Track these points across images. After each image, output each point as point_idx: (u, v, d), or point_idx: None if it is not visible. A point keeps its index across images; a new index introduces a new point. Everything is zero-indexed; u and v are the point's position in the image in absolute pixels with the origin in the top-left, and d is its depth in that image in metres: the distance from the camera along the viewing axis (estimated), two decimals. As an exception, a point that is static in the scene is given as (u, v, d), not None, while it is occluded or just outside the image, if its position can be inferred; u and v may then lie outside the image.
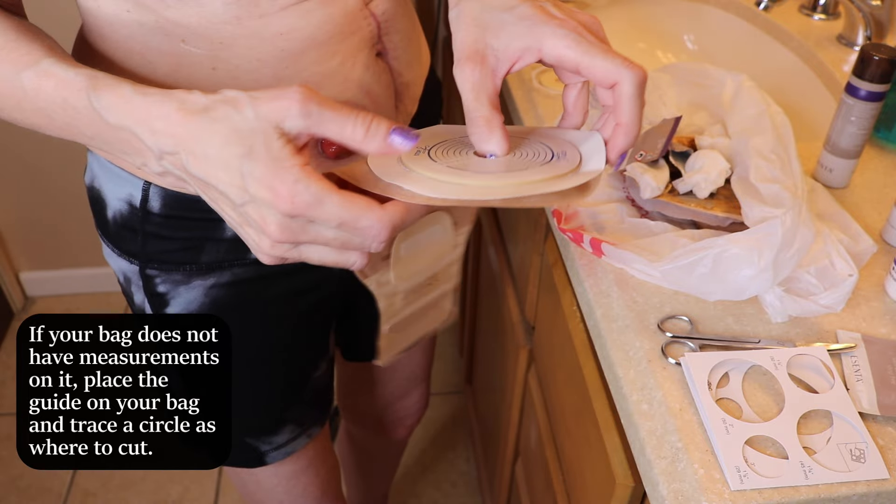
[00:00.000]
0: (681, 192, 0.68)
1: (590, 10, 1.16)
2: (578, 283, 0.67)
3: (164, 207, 0.63)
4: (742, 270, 0.58)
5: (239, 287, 0.68)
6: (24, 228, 1.86)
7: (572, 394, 0.74)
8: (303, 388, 0.79)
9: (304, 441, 0.82)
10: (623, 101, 0.49)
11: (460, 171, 0.47)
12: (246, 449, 0.78)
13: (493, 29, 0.49)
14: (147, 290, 0.67)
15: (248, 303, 0.69)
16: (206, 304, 0.68)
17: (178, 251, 0.65)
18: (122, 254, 0.67)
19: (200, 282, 0.66)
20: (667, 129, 0.70)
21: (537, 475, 0.94)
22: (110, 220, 0.66)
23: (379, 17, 0.61)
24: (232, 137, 0.42)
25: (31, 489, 1.55)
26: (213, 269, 0.66)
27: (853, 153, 0.74)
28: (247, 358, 0.73)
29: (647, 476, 0.53)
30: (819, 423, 0.53)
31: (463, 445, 1.65)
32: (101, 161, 0.65)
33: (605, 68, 0.48)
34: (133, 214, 0.64)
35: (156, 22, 0.53)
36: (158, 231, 0.64)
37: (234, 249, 0.66)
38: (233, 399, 0.74)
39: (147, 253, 0.65)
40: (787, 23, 1.08)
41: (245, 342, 0.72)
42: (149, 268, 0.66)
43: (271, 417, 0.78)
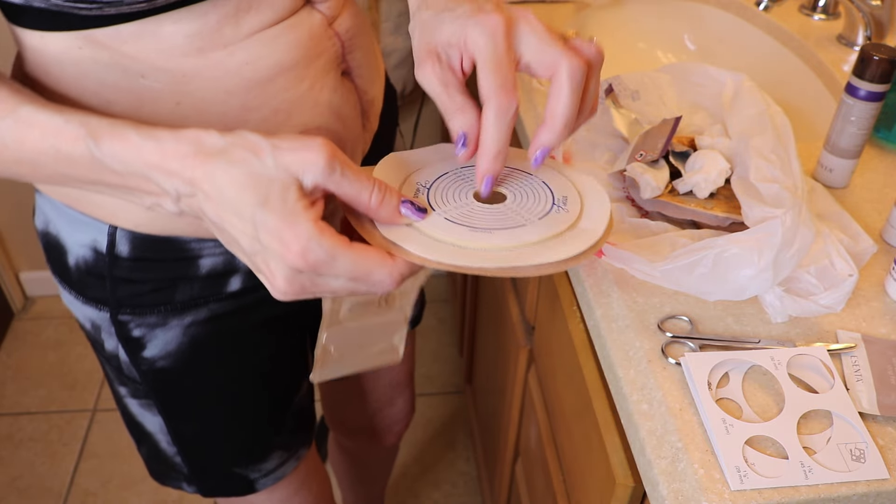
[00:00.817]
0: (681, 192, 0.68)
1: (590, 10, 1.17)
2: (578, 283, 0.67)
3: (134, 250, 0.60)
4: (742, 270, 0.58)
5: (217, 322, 0.66)
6: (24, 228, 1.86)
7: (572, 394, 0.74)
8: (287, 412, 0.78)
9: (293, 464, 0.80)
10: (551, 93, 0.48)
11: (458, 229, 0.48)
12: (235, 479, 0.77)
13: (437, 28, 0.49)
14: (120, 335, 0.65)
15: (227, 336, 0.68)
16: (184, 343, 0.66)
17: (150, 293, 0.62)
18: (88, 301, 0.64)
19: (177, 321, 0.64)
20: (667, 129, 0.70)
21: (537, 475, 0.94)
22: (72, 267, 0.62)
23: (343, 35, 0.59)
24: (248, 184, 0.41)
25: (31, 489, 1.55)
26: (189, 308, 0.64)
27: (853, 153, 0.74)
28: (229, 389, 0.72)
29: (647, 476, 0.53)
30: (819, 423, 0.53)
31: (463, 445, 1.65)
32: (56, 205, 0.61)
33: (538, 58, 0.48)
34: (99, 260, 0.60)
35: (111, 58, 0.50)
36: (128, 275, 0.61)
37: (210, 286, 0.64)
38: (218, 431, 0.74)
39: (118, 298, 0.62)
40: (787, 23, 1.08)
41: (226, 374, 0.70)
42: (121, 313, 0.63)
43: (259, 445, 0.77)
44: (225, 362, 0.69)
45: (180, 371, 0.67)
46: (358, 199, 0.44)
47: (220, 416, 0.73)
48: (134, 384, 0.70)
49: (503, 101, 0.46)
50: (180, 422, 0.72)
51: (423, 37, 0.50)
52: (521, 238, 0.48)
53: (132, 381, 0.69)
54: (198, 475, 0.77)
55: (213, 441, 0.75)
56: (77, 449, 1.63)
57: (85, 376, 1.79)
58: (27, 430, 1.67)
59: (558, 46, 0.47)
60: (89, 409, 1.72)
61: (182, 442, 0.74)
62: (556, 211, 0.51)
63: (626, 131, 0.75)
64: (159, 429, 0.73)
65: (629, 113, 0.77)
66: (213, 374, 0.69)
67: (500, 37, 0.47)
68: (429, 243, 0.46)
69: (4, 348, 1.85)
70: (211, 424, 0.73)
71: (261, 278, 0.45)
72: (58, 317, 1.93)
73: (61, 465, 1.60)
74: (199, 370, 0.68)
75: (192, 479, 0.77)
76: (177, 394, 0.70)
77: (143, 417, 0.73)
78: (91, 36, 0.49)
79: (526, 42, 0.48)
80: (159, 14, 0.49)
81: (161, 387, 0.69)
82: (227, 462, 0.76)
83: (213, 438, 0.74)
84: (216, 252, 0.62)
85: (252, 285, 0.65)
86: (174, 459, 0.76)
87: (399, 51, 1.41)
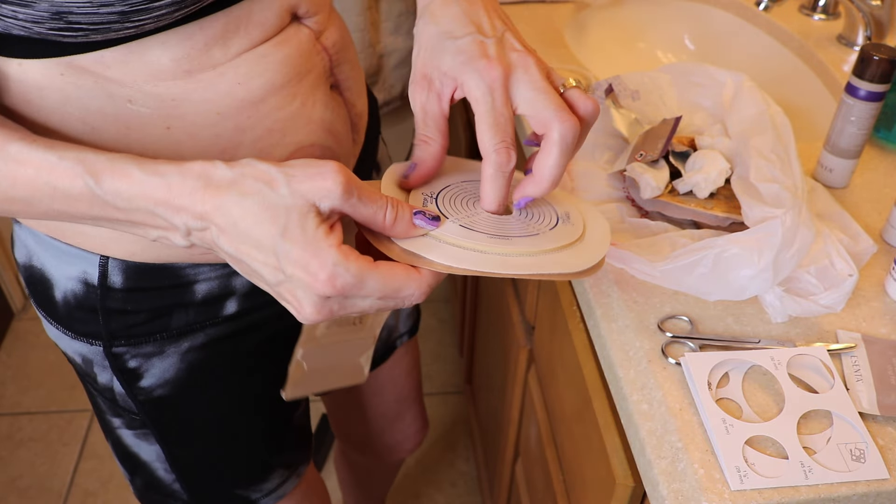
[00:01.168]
0: (681, 192, 0.68)
1: (590, 10, 1.17)
2: (578, 282, 0.67)
3: (127, 280, 0.58)
4: (742, 270, 0.58)
5: (214, 347, 0.65)
6: (24, 228, 1.86)
7: (572, 394, 0.74)
8: (287, 431, 0.78)
9: (294, 482, 0.80)
10: (542, 150, 0.49)
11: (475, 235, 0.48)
12: (237, 500, 0.76)
13: (438, 55, 0.50)
14: (115, 368, 0.63)
15: (224, 359, 0.67)
16: (182, 369, 0.64)
17: (145, 323, 0.61)
18: (78, 336, 0.62)
19: (174, 348, 0.63)
20: (667, 129, 0.70)
21: (537, 475, 0.94)
22: (59, 301, 0.60)
23: (330, 49, 0.59)
24: (264, 216, 0.41)
25: (31, 489, 1.55)
26: (185, 334, 0.62)
27: (853, 153, 0.74)
28: (229, 412, 0.71)
29: (647, 476, 0.53)
30: (819, 423, 0.53)
31: (463, 445, 1.65)
32: (40, 237, 0.59)
33: (532, 113, 0.48)
34: (90, 293, 0.58)
35: (95, 83, 0.48)
36: (122, 306, 0.59)
37: (206, 311, 0.62)
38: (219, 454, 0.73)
39: (111, 331, 0.60)
40: (787, 23, 1.08)
41: (225, 397, 0.70)
42: (115, 346, 0.61)
43: (259, 466, 0.76)
44: (224, 385, 0.68)
45: (179, 398, 0.66)
46: (374, 220, 0.44)
47: (220, 439, 0.72)
48: (129, 415, 0.68)
49: (503, 160, 0.48)
50: (179, 448, 0.71)
51: (424, 55, 0.50)
52: (539, 245, 0.49)
53: (128, 413, 0.68)
54: (198, 499, 0.76)
55: (213, 464, 0.74)
56: (77, 449, 1.63)
57: (85, 376, 1.79)
58: (27, 430, 1.67)
59: (553, 105, 0.48)
60: (89, 409, 1.71)
61: (181, 468, 0.73)
62: (563, 224, 0.52)
63: (626, 131, 0.75)
64: (156, 457, 0.72)
65: (629, 113, 0.77)
66: (212, 397, 0.68)
67: (499, 91, 0.48)
68: (450, 251, 0.47)
69: (4, 348, 1.85)
70: (211, 448, 0.72)
71: (287, 307, 0.45)
72: (58, 317, 1.94)
73: (61, 465, 1.60)
74: (198, 395, 0.67)
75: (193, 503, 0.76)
76: (175, 420, 0.69)
77: (138, 448, 0.72)
78: (73, 62, 0.47)
79: (522, 94, 0.49)
80: (145, 38, 0.48)
81: (159, 415, 0.67)
82: (229, 484, 0.75)
83: (213, 462, 0.73)
84: (211, 276, 0.61)
85: (248, 307, 0.65)
86: (172, 486, 0.74)
87: (399, 51, 1.41)
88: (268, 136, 0.54)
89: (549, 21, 1.11)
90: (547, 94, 0.48)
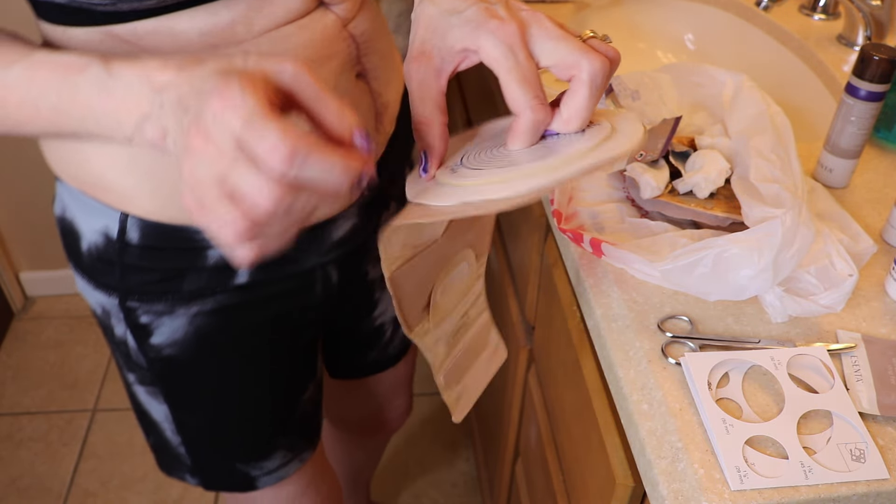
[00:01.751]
0: (681, 192, 0.68)
1: (590, 10, 1.17)
2: (578, 283, 0.67)
3: (143, 238, 0.61)
4: (742, 270, 0.58)
5: (223, 314, 0.67)
6: (25, 228, 1.86)
7: (572, 394, 0.74)
8: (292, 412, 0.78)
9: (296, 465, 0.81)
10: (573, 91, 0.48)
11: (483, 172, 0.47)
12: (237, 474, 0.77)
13: (441, 31, 0.49)
14: (129, 321, 0.66)
15: (232, 329, 0.68)
16: (190, 332, 0.67)
17: (158, 282, 0.63)
18: (99, 287, 0.65)
19: (184, 310, 0.65)
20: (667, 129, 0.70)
21: (537, 475, 0.94)
22: (85, 253, 0.64)
23: (358, 38, 0.60)
24: (220, 69, 0.40)
25: (31, 489, 1.55)
26: (196, 297, 0.65)
27: (853, 153, 0.74)
28: (233, 384, 0.72)
29: (647, 476, 0.53)
30: (819, 423, 0.53)
31: (463, 445, 1.65)
32: (73, 192, 0.63)
33: (557, 61, 0.47)
34: (110, 246, 0.62)
35: (129, 52, 0.52)
36: (138, 262, 0.62)
37: (217, 277, 0.64)
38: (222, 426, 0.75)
39: (127, 285, 0.64)
40: (787, 23, 1.08)
41: (230, 368, 0.71)
42: (129, 300, 0.64)
43: (261, 443, 0.77)
44: (230, 356, 0.70)
45: (186, 360, 0.68)
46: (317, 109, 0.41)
47: (223, 410, 0.74)
48: (141, 371, 0.71)
49: (540, 117, 0.47)
50: (184, 412, 0.73)
51: (425, 34, 0.50)
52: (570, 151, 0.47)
53: (140, 368, 0.70)
54: (200, 467, 0.78)
55: (215, 434, 0.75)
56: (77, 449, 1.63)
57: (85, 376, 1.79)
58: (27, 430, 1.67)
59: (578, 48, 0.47)
60: (89, 409, 1.72)
61: (185, 432, 0.75)
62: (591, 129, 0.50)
63: (626, 131, 0.75)
64: (165, 417, 0.74)
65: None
66: (217, 366, 0.70)
67: (518, 46, 0.47)
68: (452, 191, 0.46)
69: (4, 348, 1.85)
70: (214, 417, 0.74)
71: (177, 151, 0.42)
72: (58, 317, 1.93)
73: (61, 465, 1.60)
74: (204, 361, 0.69)
75: (195, 471, 0.78)
76: (182, 383, 0.71)
77: (149, 405, 0.74)
78: (110, 31, 0.51)
79: (541, 46, 0.48)
80: (174, 12, 0.51)
81: (167, 375, 0.70)
82: (230, 457, 0.77)
83: (215, 432, 0.75)
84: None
85: (259, 279, 0.66)
86: (178, 450, 0.76)
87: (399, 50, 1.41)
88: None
89: (549, 21, 1.10)
90: (568, 40, 0.48)
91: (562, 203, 0.69)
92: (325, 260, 0.71)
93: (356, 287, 0.82)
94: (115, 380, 1.78)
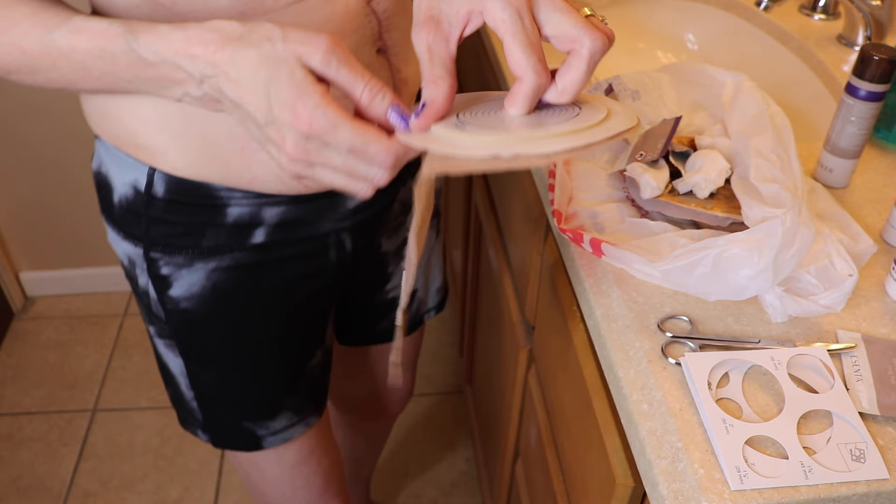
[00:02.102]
0: (681, 192, 0.68)
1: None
2: (578, 283, 0.67)
3: (168, 192, 0.65)
4: (742, 270, 0.58)
5: (239, 271, 0.70)
6: (24, 228, 1.86)
7: (572, 394, 0.74)
8: (299, 375, 0.81)
9: (301, 429, 0.83)
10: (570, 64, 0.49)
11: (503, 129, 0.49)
12: (243, 432, 0.80)
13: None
14: (150, 272, 0.70)
15: (247, 288, 0.71)
16: (207, 286, 0.70)
17: (180, 235, 0.67)
18: (127, 237, 0.69)
19: (202, 265, 0.69)
20: (667, 129, 0.70)
21: (537, 475, 0.94)
22: (116, 205, 0.68)
23: (380, 14, 0.62)
24: (261, 64, 0.47)
25: (31, 489, 1.55)
26: (214, 253, 0.68)
27: (853, 153, 0.74)
28: (245, 343, 0.75)
29: (647, 476, 0.53)
30: (819, 423, 0.53)
31: (463, 445, 1.65)
32: (109, 147, 0.67)
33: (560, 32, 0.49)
34: (138, 199, 0.66)
35: (164, 16, 0.56)
36: (162, 216, 0.67)
37: (236, 234, 0.68)
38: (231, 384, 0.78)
39: (151, 237, 0.68)
40: (787, 23, 1.08)
41: (243, 327, 0.74)
42: (152, 251, 0.68)
43: (268, 403, 0.80)
44: (243, 313, 0.73)
45: (201, 315, 0.72)
46: (353, 91, 0.48)
47: (233, 367, 0.77)
48: (160, 324, 0.74)
49: (543, 81, 0.49)
50: (197, 366, 0.76)
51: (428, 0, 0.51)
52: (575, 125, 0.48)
53: (159, 321, 0.74)
54: (210, 424, 0.81)
55: (225, 390, 0.78)
56: (77, 449, 1.63)
57: (85, 376, 1.79)
58: (27, 430, 1.67)
59: (581, 23, 0.49)
60: (89, 409, 1.72)
61: (198, 387, 0.78)
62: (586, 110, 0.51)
63: (626, 131, 0.75)
64: (180, 371, 0.77)
65: (629, 113, 0.77)
66: (230, 322, 0.73)
67: (525, 10, 0.48)
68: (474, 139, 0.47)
69: (4, 348, 1.85)
70: (224, 373, 0.77)
71: (271, 151, 0.50)
72: (58, 317, 1.93)
73: (61, 465, 1.60)
74: (218, 316, 0.72)
75: (205, 426, 0.82)
76: (195, 337, 0.74)
77: (167, 358, 0.77)
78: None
79: (547, 16, 0.49)
80: None
81: (182, 328, 0.73)
82: (238, 415, 0.80)
83: (224, 388, 0.78)
84: (243, 203, 0.66)
85: (276, 240, 0.70)
86: (191, 404, 0.80)
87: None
88: None
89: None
90: (572, 14, 0.49)
91: (562, 203, 0.69)
92: (340, 226, 0.74)
93: (369, 258, 0.85)
94: (115, 380, 1.78)
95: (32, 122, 1.68)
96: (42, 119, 1.68)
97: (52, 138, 1.72)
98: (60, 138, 1.72)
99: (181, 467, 1.60)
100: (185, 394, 0.80)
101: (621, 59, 1.18)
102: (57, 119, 1.68)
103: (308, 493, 0.90)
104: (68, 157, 1.75)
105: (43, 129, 1.70)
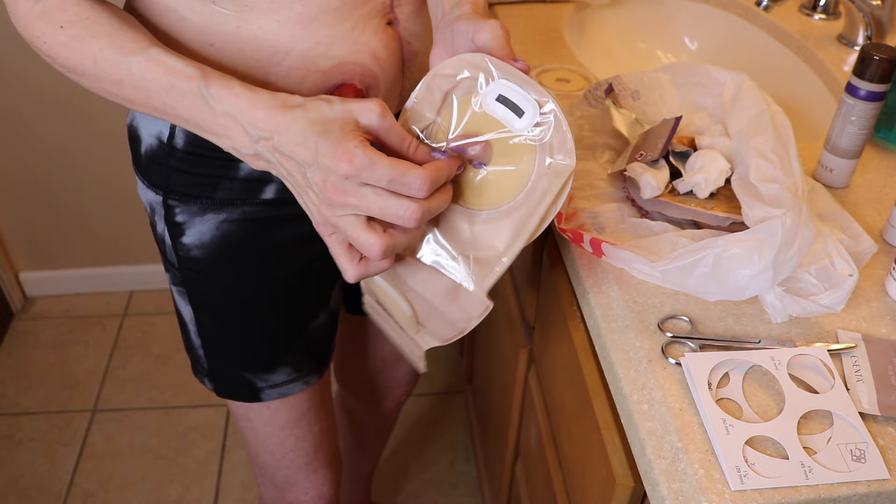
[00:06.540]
0: (681, 192, 0.68)
1: (590, 10, 1.17)
2: (578, 283, 0.67)
3: (187, 144, 0.69)
4: (742, 270, 0.58)
5: (248, 225, 0.73)
6: (24, 228, 1.86)
7: (572, 394, 0.74)
8: (301, 333, 0.83)
9: (299, 386, 0.85)
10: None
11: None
12: (243, 382, 0.83)
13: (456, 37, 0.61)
14: (167, 219, 0.74)
15: (255, 241, 0.74)
16: (216, 237, 0.73)
17: (196, 185, 0.71)
18: (150, 185, 0.73)
19: (213, 215, 0.72)
20: (667, 129, 0.70)
21: (537, 475, 0.94)
22: (143, 155, 0.73)
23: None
24: (317, 122, 0.52)
25: (31, 489, 1.55)
26: (225, 205, 0.72)
27: (853, 153, 0.74)
28: (249, 295, 0.78)
29: (647, 476, 0.53)
30: (819, 423, 0.53)
31: (463, 445, 1.65)
32: None
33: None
34: (161, 149, 0.70)
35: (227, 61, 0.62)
36: (181, 166, 0.70)
37: (247, 189, 0.71)
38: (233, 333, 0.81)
39: (170, 185, 0.72)
40: (787, 23, 1.08)
41: (247, 279, 0.77)
42: (170, 198, 0.72)
43: (268, 356, 0.82)
44: (248, 265, 0.76)
45: (210, 264, 0.75)
46: (401, 146, 0.55)
47: (238, 317, 0.79)
48: (173, 271, 0.78)
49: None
50: (204, 314, 0.80)
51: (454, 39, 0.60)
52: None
53: (172, 268, 0.78)
54: (214, 372, 0.84)
55: (229, 341, 0.81)
56: (77, 449, 1.63)
57: (85, 376, 1.79)
58: (27, 430, 1.67)
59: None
60: (89, 409, 1.72)
61: (204, 335, 0.81)
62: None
63: (626, 131, 0.75)
64: (190, 319, 0.81)
65: (629, 113, 0.77)
66: (236, 274, 0.76)
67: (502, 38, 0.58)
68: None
69: (4, 348, 1.85)
70: (227, 323, 0.80)
71: (310, 195, 0.54)
72: (58, 317, 1.93)
73: (61, 465, 1.60)
74: (225, 266, 0.76)
75: (210, 375, 0.84)
76: (204, 286, 0.77)
77: (180, 305, 0.81)
78: None
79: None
80: None
81: (192, 276, 0.77)
82: (239, 365, 0.82)
83: (227, 337, 0.81)
84: None
85: (286, 197, 0.72)
86: (199, 352, 0.83)
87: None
88: (316, 47, 0.64)
89: (549, 21, 1.11)
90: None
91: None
92: None
93: None
94: (114, 380, 1.78)
95: (33, 122, 1.68)
96: (42, 119, 1.68)
97: (52, 138, 1.72)
98: (61, 138, 1.72)
99: (181, 467, 1.60)
100: (193, 341, 0.83)
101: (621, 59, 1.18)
102: (57, 119, 1.68)
103: (296, 457, 0.92)
104: (69, 157, 1.75)
105: (43, 129, 1.70)
